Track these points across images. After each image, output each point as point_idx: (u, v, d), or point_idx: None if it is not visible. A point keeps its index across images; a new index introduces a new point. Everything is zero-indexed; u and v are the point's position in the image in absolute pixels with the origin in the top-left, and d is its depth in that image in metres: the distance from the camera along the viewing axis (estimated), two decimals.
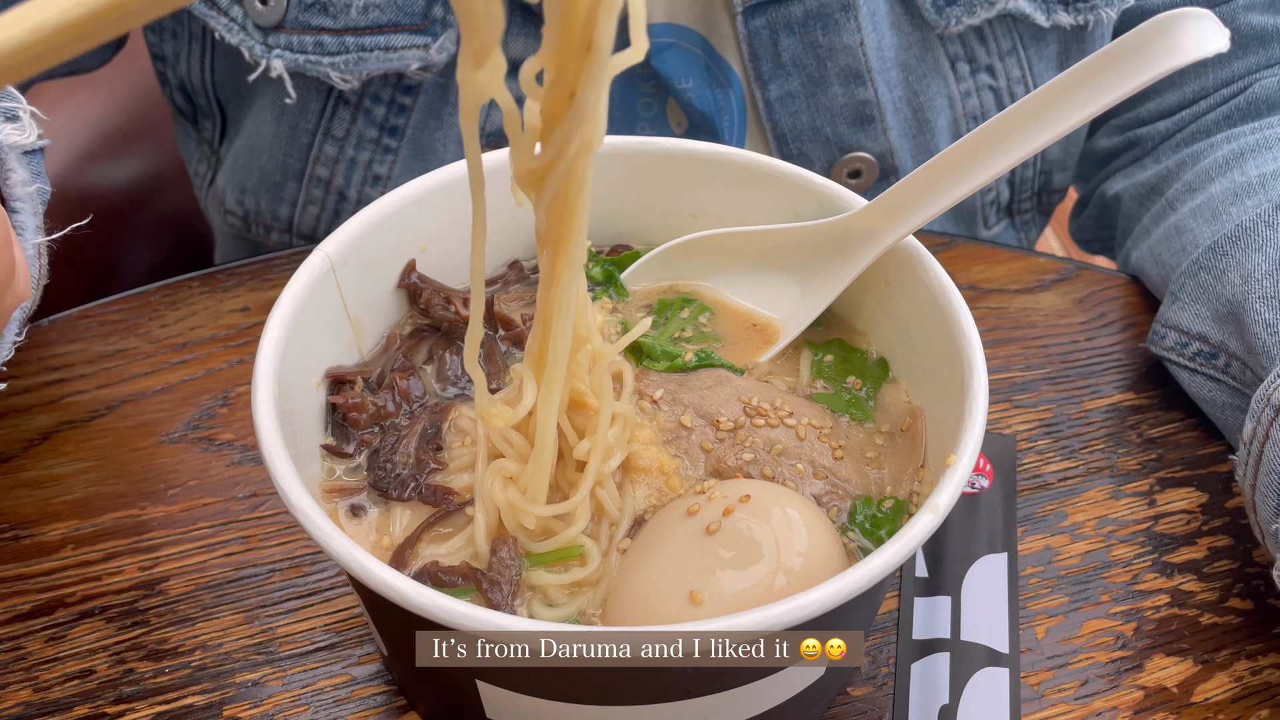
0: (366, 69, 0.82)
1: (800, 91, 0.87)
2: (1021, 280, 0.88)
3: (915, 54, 0.88)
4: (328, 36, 0.81)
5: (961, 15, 0.85)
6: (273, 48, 0.82)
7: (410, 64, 0.82)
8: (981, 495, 0.72)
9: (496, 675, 0.51)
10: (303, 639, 0.65)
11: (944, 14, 0.85)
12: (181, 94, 1.01)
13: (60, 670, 0.64)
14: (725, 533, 0.53)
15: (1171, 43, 0.53)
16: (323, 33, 0.81)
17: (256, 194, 0.96)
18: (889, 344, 0.66)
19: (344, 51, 0.82)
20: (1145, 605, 0.68)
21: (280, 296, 0.57)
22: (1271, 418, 0.64)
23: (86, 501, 0.72)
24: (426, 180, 0.64)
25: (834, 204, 0.65)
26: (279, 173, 0.94)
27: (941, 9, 0.85)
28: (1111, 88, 0.55)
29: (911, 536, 0.49)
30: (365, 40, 0.82)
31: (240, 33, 0.82)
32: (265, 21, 0.82)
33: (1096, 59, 0.55)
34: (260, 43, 0.82)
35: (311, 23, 0.81)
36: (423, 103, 0.87)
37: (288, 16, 0.81)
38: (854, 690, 0.64)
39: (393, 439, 0.60)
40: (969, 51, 0.89)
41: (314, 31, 0.81)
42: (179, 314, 0.83)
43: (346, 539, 0.48)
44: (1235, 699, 0.64)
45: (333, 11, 0.81)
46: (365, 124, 0.88)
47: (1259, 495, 0.65)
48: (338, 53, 0.82)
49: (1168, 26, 0.53)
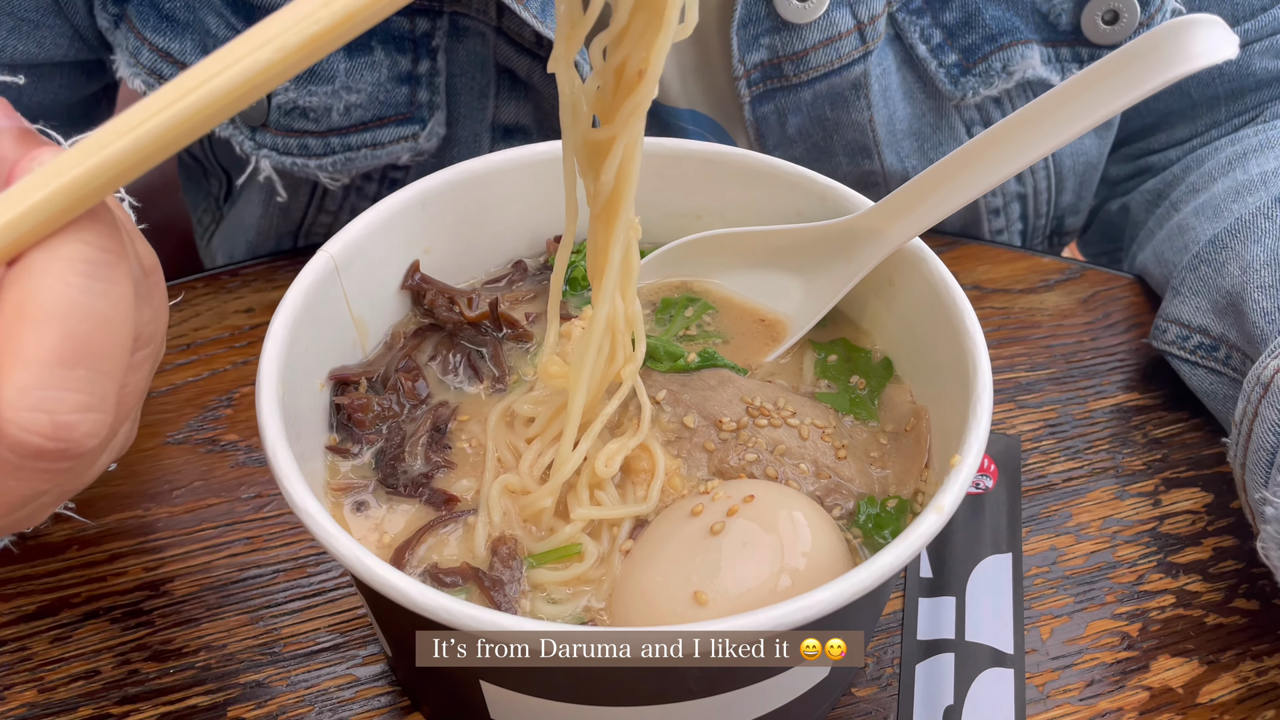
0: (355, 168, 0.81)
1: (804, 158, 0.86)
2: (1026, 280, 0.88)
3: (930, 122, 0.87)
4: (312, 139, 0.79)
5: (978, 86, 0.83)
6: (260, 145, 0.80)
7: (400, 156, 0.80)
8: (986, 496, 0.72)
9: (500, 676, 0.51)
10: (307, 640, 0.65)
11: (959, 85, 0.84)
12: (186, 153, 1.00)
13: (65, 671, 0.64)
14: (729, 533, 0.53)
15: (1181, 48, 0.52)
16: (306, 135, 0.79)
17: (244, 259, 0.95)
18: (893, 344, 0.65)
19: (330, 153, 0.80)
20: (1150, 606, 0.68)
21: (284, 297, 0.57)
22: (1260, 395, 0.64)
23: (91, 502, 0.72)
24: (430, 181, 0.64)
25: (837, 204, 0.65)
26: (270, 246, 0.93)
27: (956, 80, 0.83)
28: (1121, 93, 0.54)
29: (916, 537, 0.48)
30: (351, 139, 0.80)
31: (229, 126, 0.81)
32: (252, 120, 0.80)
33: (1105, 64, 0.54)
34: (249, 138, 0.80)
35: (294, 126, 0.79)
36: (415, 175, 0.84)
37: (270, 119, 0.79)
38: (858, 691, 0.64)
39: (398, 439, 0.60)
40: (985, 116, 0.88)
41: (297, 134, 0.79)
42: (183, 315, 0.83)
43: (351, 540, 0.48)
44: (1241, 700, 0.64)
45: (314, 116, 0.79)
46: (358, 198, 0.86)
47: (1248, 473, 0.65)
48: (324, 154, 0.80)
49: (1177, 32, 0.52)
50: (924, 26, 0.82)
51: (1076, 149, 0.92)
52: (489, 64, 0.81)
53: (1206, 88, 0.90)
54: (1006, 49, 0.82)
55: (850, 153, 0.86)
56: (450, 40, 0.79)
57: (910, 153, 0.88)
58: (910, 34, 0.83)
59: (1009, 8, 0.82)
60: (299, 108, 0.78)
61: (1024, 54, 0.82)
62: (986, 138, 0.58)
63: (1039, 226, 0.97)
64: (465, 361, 0.64)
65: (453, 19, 0.78)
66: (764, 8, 0.78)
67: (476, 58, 0.80)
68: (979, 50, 0.83)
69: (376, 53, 0.77)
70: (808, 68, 0.80)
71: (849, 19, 0.79)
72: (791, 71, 0.81)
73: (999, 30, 0.82)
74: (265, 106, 0.78)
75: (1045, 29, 0.83)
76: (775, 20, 0.79)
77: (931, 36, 0.83)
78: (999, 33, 0.82)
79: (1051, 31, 0.83)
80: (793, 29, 0.79)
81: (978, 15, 0.82)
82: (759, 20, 0.79)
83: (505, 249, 0.70)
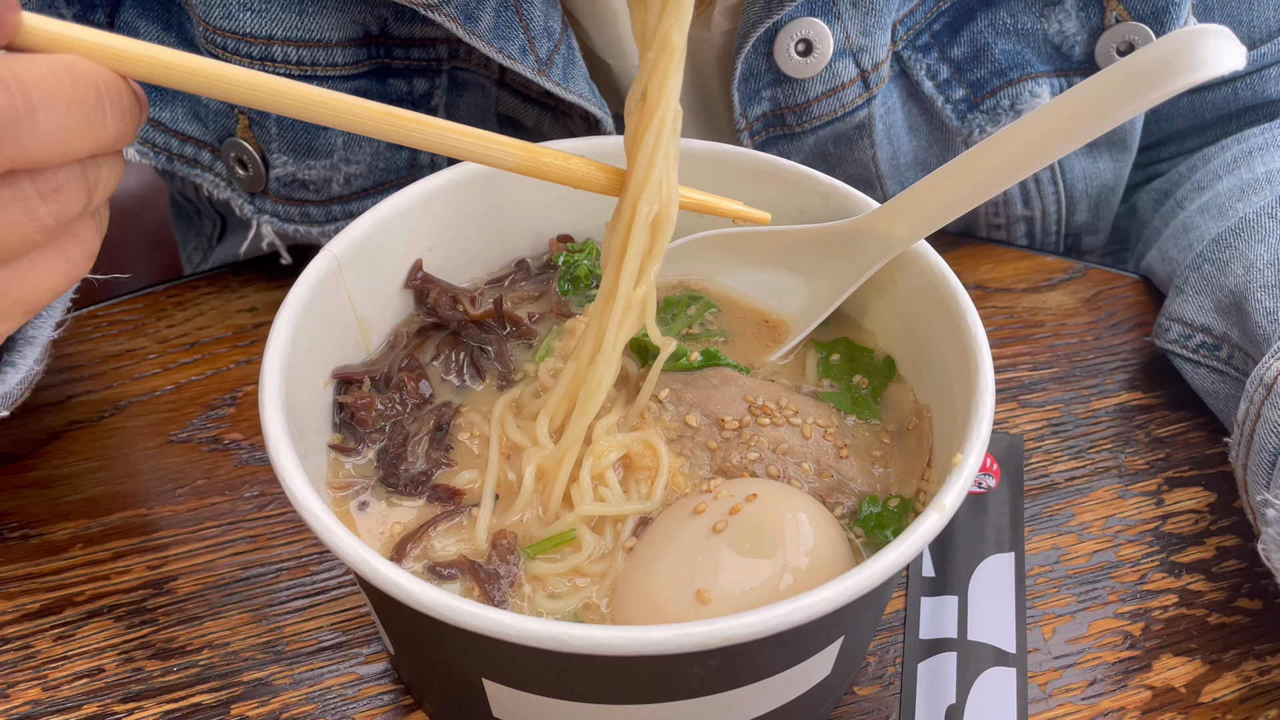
0: None
1: None
2: (1029, 279, 0.88)
3: (935, 154, 0.86)
4: (313, 208, 0.79)
5: (985, 123, 0.83)
6: (261, 210, 0.79)
7: None
8: (988, 495, 0.72)
9: (503, 674, 0.51)
10: (310, 638, 0.65)
11: (966, 121, 0.83)
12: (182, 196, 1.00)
13: (69, 669, 0.64)
14: (732, 532, 0.53)
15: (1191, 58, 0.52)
16: (307, 204, 0.79)
17: None
18: (896, 343, 0.65)
19: (332, 220, 0.79)
20: (1153, 605, 0.68)
21: (287, 296, 0.58)
22: (1264, 397, 0.64)
23: (95, 501, 0.72)
24: (433, 180, 0.64)
25: (840, 203, 0.65)
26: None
27: (964, 115, 0.83)
28: (1128, 101, 0.53)
29: (918, 536, 0.48)
30: (353, 207, 0.79)
31: (227, 189, 0.80)
32: (251, 187, 0.79)
33: (1113, 72, 0.54)
34: (248, 202, 0.80)
35: (294, 196, 0.78)
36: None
37: (269, 187, 0.78)
38: (860, 690, 0.64)
39: (401, 438, 0.60)
40: None
41: (298, 203, 0.79)
42: (187, 314, 0.84)
43: (353, 538, 0.48)
44: (1244, 699, 0.64)
45: (314, 188, 0.78)
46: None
47: (1250, 474, 0.65)
48: (325, 221, 0.79)
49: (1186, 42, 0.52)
50: (931, 63, 0.82)
51: (1090, 172, 0.91)
52: (490, 115, 0.80)
53: (1220, 109, 0.89)
54: (1015, 84, 0.81)
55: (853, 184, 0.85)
56: (450, 96, 0.78)
57: (914, 181, 0.87)
58: (916, 71, 0.82)
59: (1020, 40, 0.81)
60: (298, 180, 0.77)
61: (1033, 90, 0.82)
62: (994, 142, 0.57)
63: (1047, 244, 0.96)
64: (469, 360, 0.64)
65: (452, 74, 0.77)
66: (765, 62, 0.78)
67: (477, 109, 0.79)
68: (987, 85, 0.82)
69: None
70: (810, 117, 0.80)
71: (852, 68, 0.78)
72: (794, 121, 0.80)
73: (1008, 65, 0.81)
74: (263, 175, 0.77)
75: (1058, 59, 0.82)
76: (776, 74, 0.78)
77: (939, 72, 0.82)
78: (1008, 67, 0.81)
79: (1064, 62, 0.82)
80: (795, 82, 0.78)
81: (987, 50, 0.81)
82: (760, 74, 0.78)
83: (508, 248, 0.70)
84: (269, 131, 0.75)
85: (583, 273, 0.68)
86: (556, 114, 0.78)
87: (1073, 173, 0.90)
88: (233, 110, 0.76)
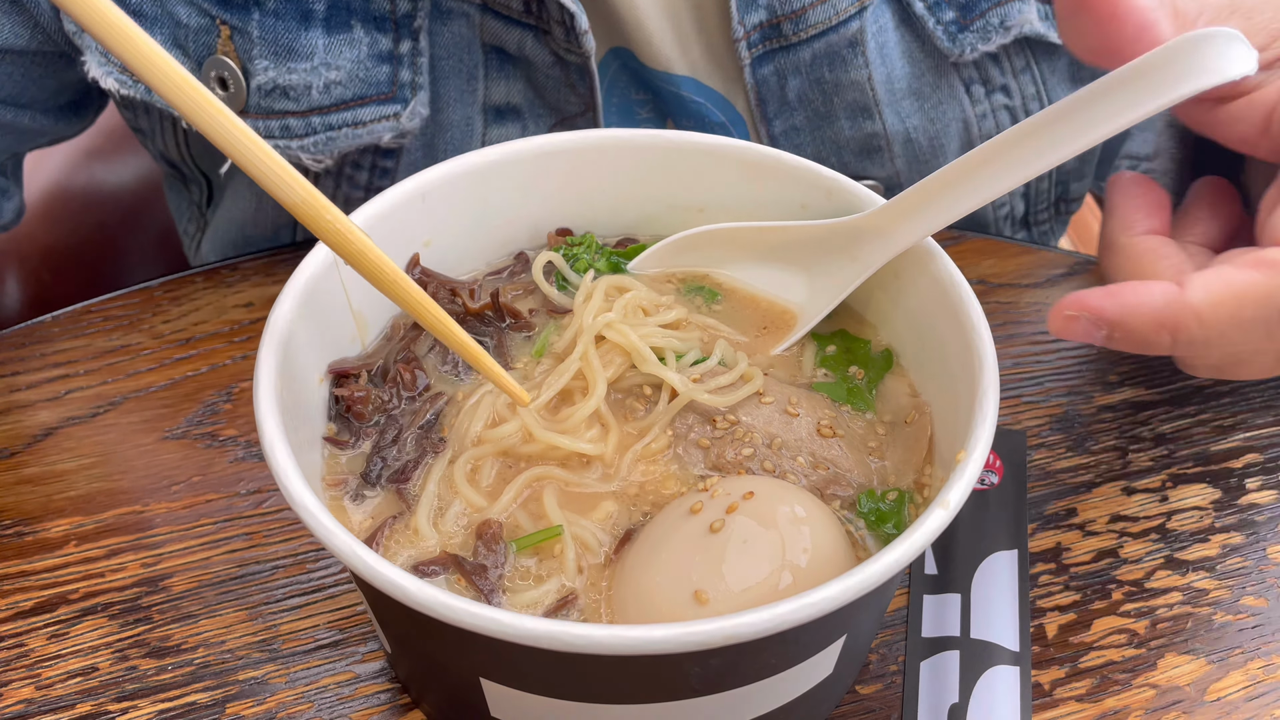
0: (336, 148, 0.80)
1: (805, 125, 0.86)
2: (1033, 275, 0.87)
3: (929, 81, 0.87)
4: (293, 119, 0.79)
5: (976, 43, 0.84)
6: None
7: (382, 136, 0.79)
8: (991, 492, 0.71)
9: (500, 673, 0.51)
10: (306, 636, 0.65)
11: (957, 42, 0.84)
12: (165, 162, 1.00)
13: (63, 667, 0.63)
14: (729, 530, 0.53)
15: (1199, 62, 0.51)
16: (288, 116, 0.79)
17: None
18: (899, 338, 0.65)
19: (311, 133, 0.79)
20: (1158, 603, 0.67)
21: (283, 290, 0.57)
22: None
23: (89, 498, 0.71)
24: (430, 174, 0.64)
25: (842, 197, 0.64)
26: (268, 241, 0.92)
27: (955, 36, 0.83)
28: (1135, 104, 0.53)
29: (922, 533, 0.48)
30: (332, 119, 0.79)
31: None
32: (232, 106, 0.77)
33: (1121, 74, 0.53)
34: None
35: (275, 108, 0.78)
36: (406, 162, 0.85)
37: (249, 103, 0.78)
38: (863, 688, 0.63)
39: (395, 431, 0.60)
40: (983, 74, 0.87)
41: (279, 115, 0.79)
42: (182, 309, 0.83)
43: (348, 535, 0.48)
44: (1249, 698, 0.63)
45: (294, 95, 0.78)
46: (350, 188, 0.86)
47: None
48: (305, 134, 0.79)
49: (1195, 45, 0.51)
50: None
51: None
52: (475, 45, 0.81)
53: None
54: (1004, 4, 0.83)
55: (851, 114, 0.86)
56: (434, 23, 0.79)
57: (911, 113, 0.87)
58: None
59: None
60: (279, 87, 0.77)
61: (1020, 9, 0.83)
62: (995, 144, 0.57)
63: (1041, 190, 0.96)
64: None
65: (435, 1, 0.78)
66: None
67: (462, 40, 0.80)
68: (976, 7, 0.83)
69: (356, 30, 0.77)
70: (806, 25, 0.81)
71: None
72: (790, 31, 0.81)
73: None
74: (244, 90, 0.78)
75: None
76: None
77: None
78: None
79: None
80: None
81: None
82: None
83: (506, 241, 0.69)
84: (250, 37, 0.76)
85: (582, 267, 0.68)
86: (538, 33, 0.79)
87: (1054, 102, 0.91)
88: (214, 23, 0.76)
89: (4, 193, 0.91)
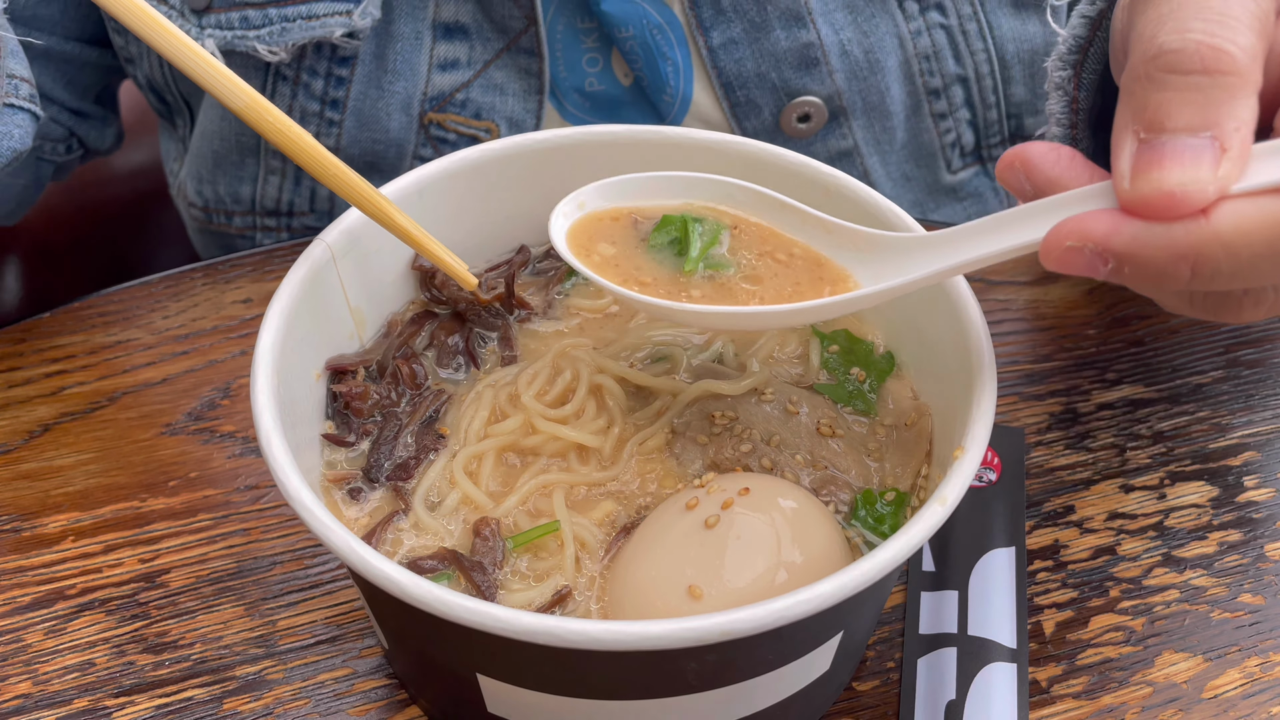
0: (291, 39, 0.83)
1: (743, 38, 0.87)
2: (1031, 272, 0.87)
3: None
4: (252, 11, 0.83)
5: None
6: (205, 29, 0.84)
7: (334, 31, 0.83)
8: (989, 489, 0.71)
9: (497, 669, 0.51)
10: (304, 632, 0.65)
11: None
12: (154, 94, 1.01)
13: (60, 663, 0.63)
14: (724, 526, 0.53)
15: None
16: (248, 8, 0.83)
17: (214, 181, 0.97)
18: (897, 335, 0.65)
19: (268, 24, 0.83)
20: (1155, 600, 0.67)
21: (280, 286, 0.57)
22: None
23: (87, 493, 0.71)
24: (428, 169, 0.64)
25: (840, 194, 0.64)
26: (234, 152, 0.95)
27: None
28: None
29: (919, 530, 0.48)
30: (288, 11, 0.83)
31: (179, 19, 0.84)
32: (198, 5, 0.84)
33: None
34: (195, 25, 0.84)
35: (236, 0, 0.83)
36: (360, 74, 0.87)
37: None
38: (860, 685, 0.63)
39: (394, 427, 0.60)
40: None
41: (240, 8, 0.83)
42: (181, 305, 0.83)
43: (345, 531, 0.48)
44: (1246, 695, 0.63)
45: None
46: (306, 98, 0.89)
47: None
48: (262, 25, 0.84)
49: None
50: None
51: (1020, 34, 0.92)
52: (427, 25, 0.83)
53: None
54: None
55: (785, 23, 0.86)
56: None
57: (845, 25, 0.88)
58: None
59: None
60: None
61: None
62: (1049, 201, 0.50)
63: (991, 120, 0.96)
64: (463, 347, 0.64)
65: None
66: None
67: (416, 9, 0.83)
68: None
69: None
70: None
71: None
72: None
73: None
74: None
75: None
76: None
77: None
78: None
79: None
80: None
81: None
82: None
83: (507, 236, 0.69)
84: None
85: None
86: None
87: (1001, 31, 0.91)
88: None
89: (103, 120, 0.98)
